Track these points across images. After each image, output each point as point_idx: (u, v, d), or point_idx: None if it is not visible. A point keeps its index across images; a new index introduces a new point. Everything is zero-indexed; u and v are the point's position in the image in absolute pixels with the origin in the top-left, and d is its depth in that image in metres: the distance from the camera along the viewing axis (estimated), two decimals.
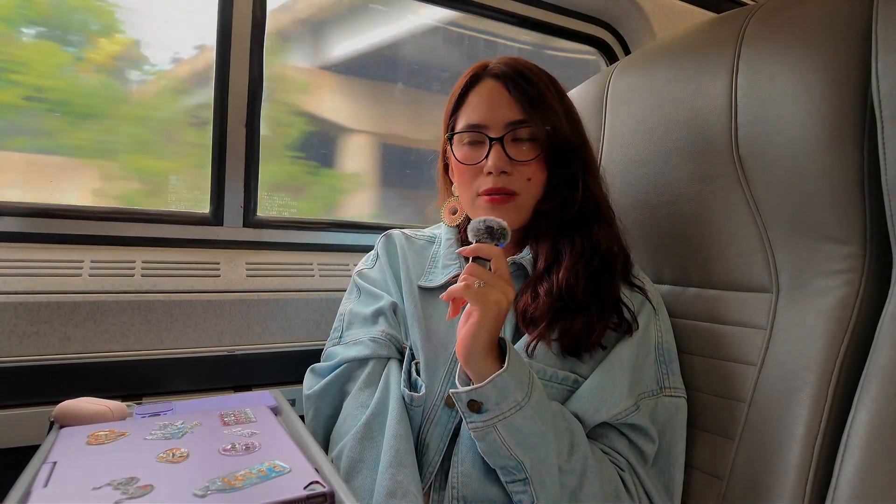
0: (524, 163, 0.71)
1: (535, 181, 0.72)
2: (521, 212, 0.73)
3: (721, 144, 0.73)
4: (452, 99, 0.77)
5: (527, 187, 0.72)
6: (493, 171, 0.70)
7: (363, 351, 0.72)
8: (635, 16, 1.34)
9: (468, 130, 0.73)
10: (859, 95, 0.63)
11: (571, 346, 0.68)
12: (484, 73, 0.74)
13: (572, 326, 0.68)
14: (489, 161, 0.70)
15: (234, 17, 0.98)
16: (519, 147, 0.71)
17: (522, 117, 0.71)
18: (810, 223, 0.68)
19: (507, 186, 0.71)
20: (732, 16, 0.76)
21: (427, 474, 0.66)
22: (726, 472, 0.71)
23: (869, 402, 0.60)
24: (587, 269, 0.70)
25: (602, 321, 0.68)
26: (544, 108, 0.71)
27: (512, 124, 0.71)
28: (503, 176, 0.70)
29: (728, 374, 0.74)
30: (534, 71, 0.74)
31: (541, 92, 0.72)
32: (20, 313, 0.78)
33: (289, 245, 1.08)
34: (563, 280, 0.68)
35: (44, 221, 0.89)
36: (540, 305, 0.68)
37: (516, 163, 0.71)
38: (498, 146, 0.70)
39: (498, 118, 0.71)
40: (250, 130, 1.01)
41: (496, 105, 0.72)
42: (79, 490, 0.43)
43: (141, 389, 0.86)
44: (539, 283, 0.70)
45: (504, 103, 0.71)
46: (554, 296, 0.68)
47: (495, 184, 0.71)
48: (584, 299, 0.68)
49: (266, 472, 0.46)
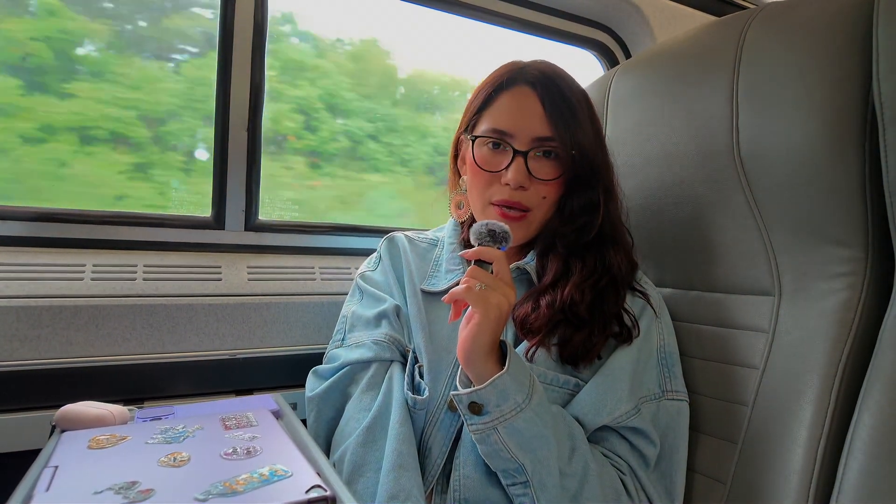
0: (545, 181, 0.70)
1: (550, 199, 0.71)
2: (531, 228, 0.72)
3: (722, 147, 0.73)
4: (479, 95, 0.74)
5: (540, 204, 0.71)
6: (512, 184, 0.69)
7: (366, 353, 0.72)
8: (636, 19, 1.34)
9: (493, 136, 0.70)
10: (860, 98, 0.63)
11: (569, 358, 0.68)
12: (518, 76, 0.71)
13: (572, 339, 0.67)
14: (509, 174, 0.69)
15: (236, 20, 0.98)
16: (541, 163, 0.70)
17: (551, 134, 0.69)
18: (812, 226, 0.68)
19: (523, 202, 0.70)
20: (733, 19, 0.76)
21: (429, 477, 0.66)
22: (728, 475, 0.71)
23: (872, 406, 0.59)
24: (594, 289, 0.69)
25: (602, 334, 0.68)
26: (575, 128, 0.69)
27: (539, 140, 0.69)
28: (520, 191, 0.69)
29: (730, 377, 0.74)
30: (570, 85, 0.71)
31: (573, 109, 0.69)
32: (22, 317, 0.78)
33: (290, 248, 1.08)
34: (568, 296, 0.68)
35: (45, 225, 0.89)
36: (540, 316, 0.68)
37: (536, 180, 0.69)
38: (521, 160, 0.69)
39: (526, 130, 0.69)
40: (252, 134, 1.02)
41: (527, 115, 0.69)
42: (80, 494, 0.43)
43: (142, 393, 0.85)
44: (542, 294, 0.70)
45: (535, 115, 0.69)
46: (556, 309, 0.68)
47: (511, 197, 0.69)
48: (587, 315, 0.68)
49: (268, 476, 0.46)
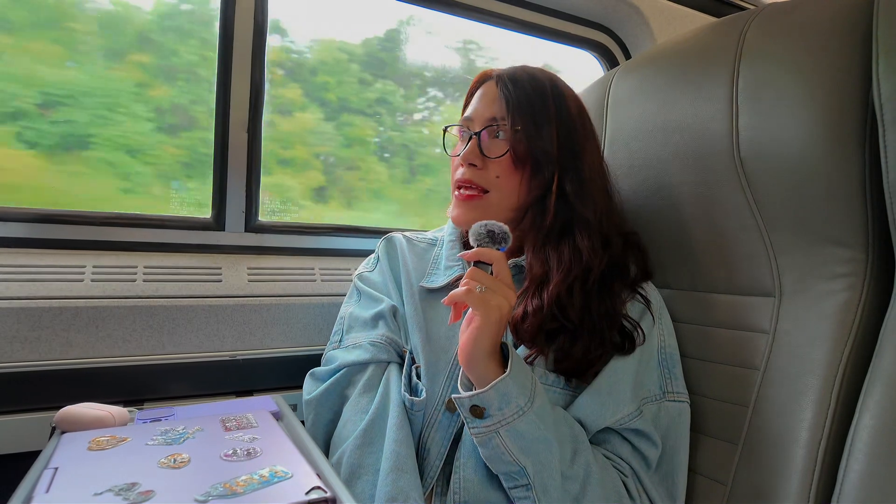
0: (493, 159, 0.72)
1: (504, 180, 0.73)
2: (488, 211, 0.72)
3: (722, 148, 0.73)
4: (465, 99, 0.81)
5: (496, 184, 0.73)
6: (462, 161, 0.73)
7: (363, 355, 0.72)
8: (636, 20, 1.34)
9: (458, 123, 0.78)
10: (860, 99, 0.63)
11: (565, 371, 0.67)
12: (487, 76, 0.78)
13: (570, 351, 0.67)
14: (462, 153, 0.73)
15: (236, 21, 0.98)
16: (493, 143, 0.73)
17: (502, 115, 0.72)
18: (812, 227, 0.68)
19: (474, 180, 0.73)
20: (733, 20, 0.76)
21: (428, 479, 0.65)
22: (729, 476, 0.71)
23: (873, 406, 0.59)
24: (582, 289, 0.68)
25: (601, 346, 0.67)
26: (524, 110, 0.72)
27: (490, 120, 0.73)
28: (472, 168, 0.73)
29: (731, 378, 0.74)
30: (533, 76, 0.75)
31: (527, 94, 0.73)
32: (22, 318, 0.78)
33: (290, 250, 1.08)
34: (553, 296, 0.67)
35: (46, 227, 0.89)
36: (530, 324, 0.67)
37: (487, 158, 0.73)
38: (475, 140, 0.73)
39: (482, 113, 0.75)
40: (252, 135, 1.02)
41: (485, 102, 0.75)
42: (80, 496, 0.43)
43: (142, 395, 0.85)
44: (531, 298, 0.69)
45: (492, 100, 0.74)
46: (544, 314, 0.67)
47: (464, 175, 0.73)
48: (577, 319, 0.67)
49: (268, 477, 0.46)
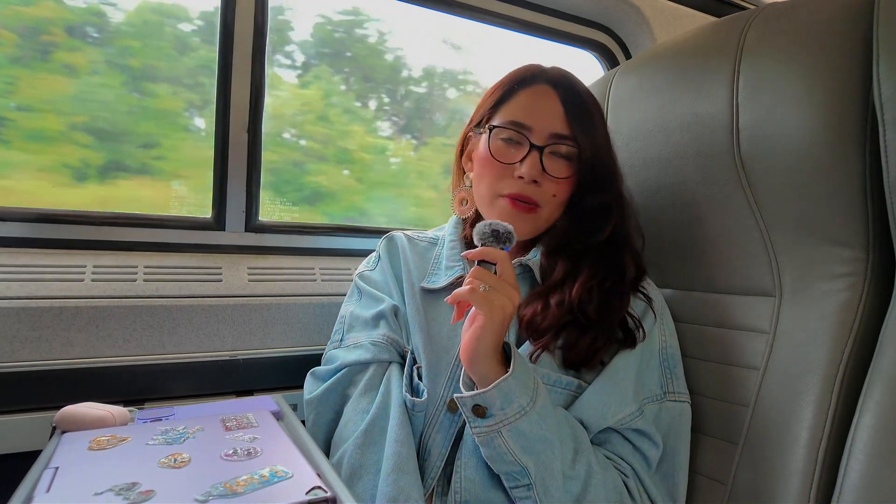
0: (557, 179, 0.70)
1: (560, 198, 0.72)
2: (538, 224, 0.73)
3: (723, 148, 0.73)
4: (497, 90, 0.75)
5: (550, 202, 0.71)
6: (526, 178, 0.69)
7: (364, 355, 0.72)
8: (636, 20, 1.34)
9: (511, 128, 0.71)
10: (860, 99, 0.63)
11: (572, 362, 0.67)
12: (539, 76, 0.73)
13: (577, 343, 0.67)
14: (523, 167, 0.69)
15: (236, 22, 0.98)
16: (555, 161, 0.70)
17: (568, 133, 0.70)
18: (812, 226, 0.68)
19: (533, 197, 0.70)
20: (733, 20, 0.76)
21: (429, 479, 0.65)
22: (730, 476, 0.71)
23: (873, 406, 0.59)
24: (601, 289, 0.69)
25: (607, 339, 0.67)
26: (591, 130, 0.70)
27: (556, 136, 0.70)
28: (532, 185, 0.69)
29: (731, 378, 0.74)
30: (586, 90, 0.74)
31: (590, 113, 0.71)
32: (22, 318, 0.78)
33: (291, 249, 1.07)
34: (577, 295, 0.67)
35: (46, 227, 0.89)
36: (549, 317, 0.67)
37: (549, 176, 0.70)
38: (536, 154, 0.69)
39: (544, 125, 0.70)
40: (252, 135, 1.02)
41: (546, 112, 0.70)
42: (81, 495, 0.43)
43: (143, 394, 0.85)
44: (551, 294, 0.69)
45: (554, 112, 0.70)
46: (565, 308, 0.67)
47: (523, 191, 0.70)
48: (595, 316, 0.67)
49: (268, 477, 0.46)
